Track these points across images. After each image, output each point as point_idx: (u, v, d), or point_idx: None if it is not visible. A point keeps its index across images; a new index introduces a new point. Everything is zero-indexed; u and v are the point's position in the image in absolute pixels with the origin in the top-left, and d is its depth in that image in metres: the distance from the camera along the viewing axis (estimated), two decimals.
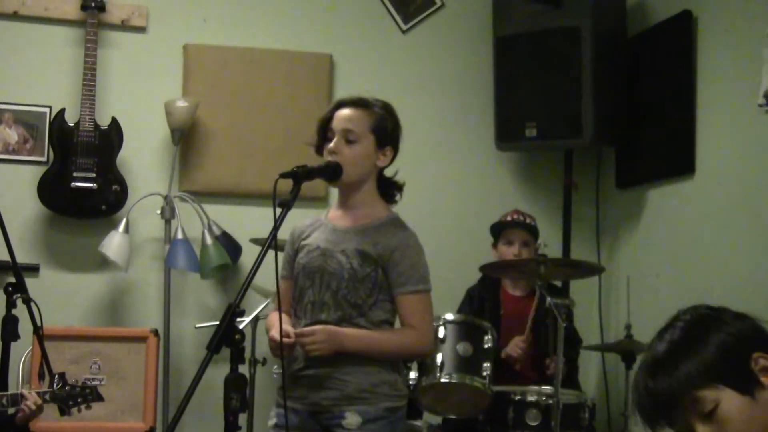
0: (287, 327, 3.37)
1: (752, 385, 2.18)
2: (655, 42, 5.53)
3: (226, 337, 2.82)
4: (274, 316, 3.51)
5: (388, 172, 3.62)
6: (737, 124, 4.81)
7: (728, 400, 2.18)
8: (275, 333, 3.32)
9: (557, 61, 5.58)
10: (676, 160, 5.27)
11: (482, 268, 5.01)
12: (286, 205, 3.11)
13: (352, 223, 3.51)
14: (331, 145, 3.45)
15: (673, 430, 2.23)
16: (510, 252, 5.25)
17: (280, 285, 3.71)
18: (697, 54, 5.14)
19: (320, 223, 3.59)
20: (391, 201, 3.61)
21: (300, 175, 3.21)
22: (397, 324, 3.59)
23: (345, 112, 3.48)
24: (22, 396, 3.96)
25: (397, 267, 3.42)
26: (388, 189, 3.60)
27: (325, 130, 3.51)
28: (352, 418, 3.36)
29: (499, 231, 5.37)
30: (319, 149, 3.54)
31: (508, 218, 5.32)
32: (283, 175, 3.17)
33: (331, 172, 3.42)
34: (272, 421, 3.50)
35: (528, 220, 5.30)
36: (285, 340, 3.33)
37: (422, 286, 3.45)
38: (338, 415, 3.37)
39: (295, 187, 3.18)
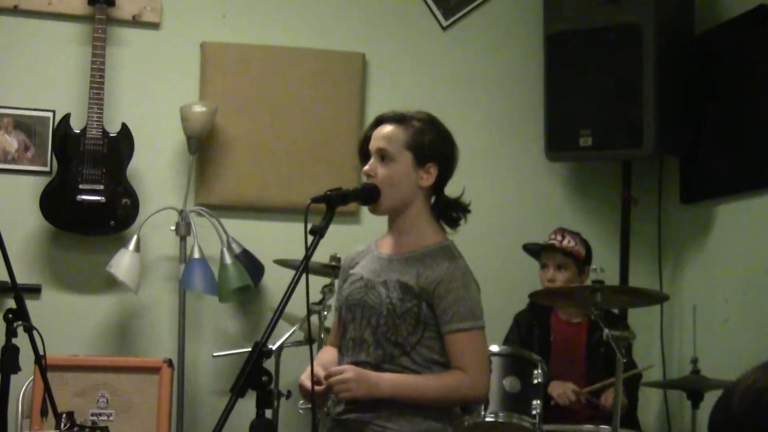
0: (319, 371, 3.37)
1: None
2: (726, 40, 5.53)
3: (253, 379, 2.80)
4: (322, 355, 3.58)
5: (453, 193, 3.57)
6: None
7: None
8: (305, 378, 3.33)
9: (615, 61, 5.58)
10: (749, 172, 5.27)
11: (531, 296, 5.01)
12: (318, 233, 3.11)
13: (397, 250, 3.49)
14: (366, 167, 3.43)
15: None
16: (544, 277, 5.30)
17: (333, 317, 3.71)
18: None
19: (369, 250, 3.59)
20: (454, 225, 3.56)
21: (334, 200, 3.20)
22: None
23: (383, 129, 3.45)
24: None
25: (442, 302, 3.37)
26: (448, 211, 3.55)
27: (364, 150, 3.50)
28: None
29: (535, 254, 5.42)
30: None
31: (547, 240, 5.35)
32: (315, 200, 3.18)
33: (368, 196, 3.40)
34: None
35: (566, 241, 5.29)
36: (317, 388, 3.35)
37: (471, 323, 3.39)
38: None
39: (328, 212, 3.17)
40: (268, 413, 2.94)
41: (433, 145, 3.47)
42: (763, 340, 5.13)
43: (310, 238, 3.12)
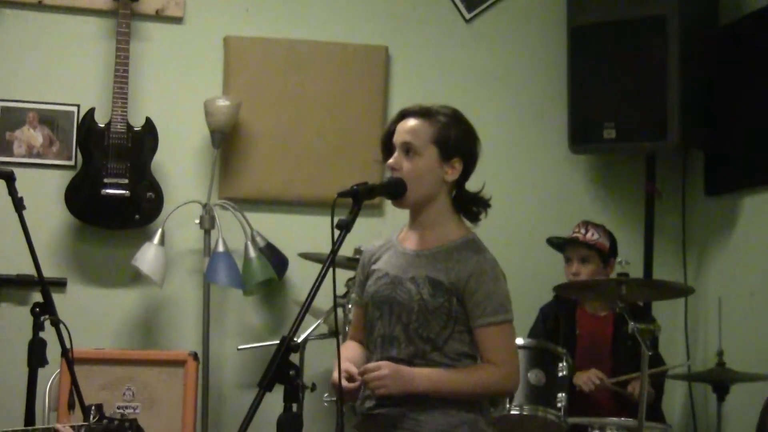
0: (351, 368, 3.38)
1: None
2: (752, 32, 5.52)
3: (280, 373, 2.82)
4: (345, 349, 3.55)
5: (473, 188, 3.57)
6: None
7: None
8: (338, 376, 3.32)
9: (640, 53, 5.58)
10: None
11: (556, 289, 5.02)
12: (345, 227, 3.11)
13: (423, 246, 3.49)
14: (391, 160, 3.43)
15: None
16: (569, 270, 5.31)
17: (353, 312, 3.71)
18: None
19: (390, 245, 3.58)
20: (474, 219, 3.56)
21: (360, 194, 3.21)
22: None
23: (407, 123, 3.45)
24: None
25: (473, 296, 3.38)
26: (469, 206, 3.54)
27: (388, 144, 3.49)
28: None
29: (559, 247, 5.43)
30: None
31: (572, 233, 5.35)
32: (342, 194, 3.18)
33: (394, 190, 3.40)
34: None
35: (590, 234, 5.28)
36: (350, 385, 3.36)
37: (502, 317, 3.40)
38: None
39: (354, 206, 3.18)
40: (295, 407, 2.95)
41: (458, 140, 3.47)
42: None
43: (337, 232, 3.13)
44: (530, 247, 5.79)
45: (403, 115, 3.49)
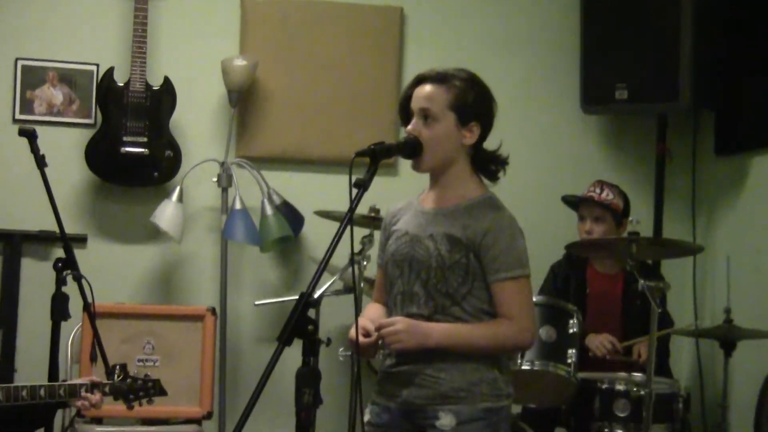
0: (368, 324, 3.39)
1: None
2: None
3: (299, 329, 2.85)
4: (368, 310, 3.60)
5: (490, 147, 3.55)
6: None
7: None
8: (354, 332, 3.30)
9: (652, 14, 5.58)
10: None
11: (568, 247, 5.05)
12: (363, 186, 3.12)
13: (442, 204, 3.48)
14: (409, 127, 3.43)
15: None
16: (582, 228, 5.31)
17: (377, 274, 3.70)
18: None
19: (411, 206, 3.58)
20: (493, 178, 3.55)
21: (377, 153, 3.21)
22: None
23: (424, 89, 3.43)
24: (82, 389, 4.06)
25: (490, 252, 3.37)
26: (487, 165, 3.53)
27: (406, 109, 3.50)
28: (445, 419, 3.34)
29: (573, 205, 5.44)
30: (406, 126, 3.54)
31: (586, 192, 5.35)
32: (359, 154, 3.19)
33: (410, 150, 3.40)
34: (366, 417, 3.50)
35: (604, 194, 5.29)
36: (365, 340, 3.36)
37: (519, 272, 3.39)
38: (431, 415, 3.36)
39: (372, 165, 3.18)
40: (313, 361, 2.98)
41: (475, 104, 3.45)
42: None
43: (354, 190, 3.14)
44: (542, 205, 5.80)
45: (420, 80, 3.47)
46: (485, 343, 3.40)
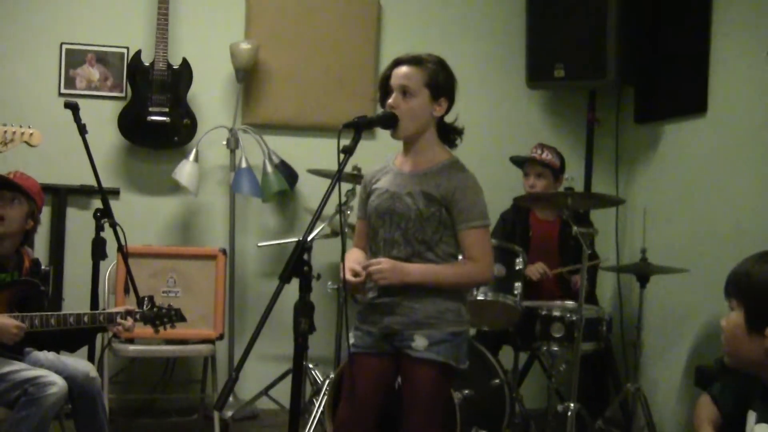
0: (356, 266, 3.40)
1: (756, 327, 2.28)
2: None
3: (296, 270, 2.85)
4: (351, 254, 3.57)
5: (448, 119, 3.58)
6: (747, 71, 4.80)
7: (737, 316, 2.36)
8: (346, 273, 3.37)
9: (585, 7, 5.56)
10: (690, 99, 5.26)
11: (515, 199, 5.04)
12: (348, 152, 3.14)
13: (416, 167, 3.50)
14: (390, 100, 3.43)
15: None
16: (526, 184, 5.31)
17: (357, 224, 3.70)
18: (712, 5, 5.11)
19: (388, 169, 3.58)
20: (452, 145, 3.59)
21: (361, 125, 3.23)
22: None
23: (401, 69, 3.44)
24: (118, 316, 4.07)
25: (458, 205, 3.41)
26: (448, 134, 3.57)
27: (385, 87, 3.50)
28: (419, 341, 3.39)
29: (519, 164, 5.43)
30: (382, 103, 3.54)
31: (530, 153, 5.34)
32: (346, 126, 3.19)
33: (388, 122, 3.42)
34: (351, 340, 3.55)
35: (545, 154, 5.28)
36: (356, 279, 3.38)
37: (480, 222, 3.44)
38: (408, 338, 3.41)
39: (356, 135, 3.19)
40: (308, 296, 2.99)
41: (444, 83, 3.47)
42: (697, 234, 5.21)
43: (342, 155, 3.15)
44: (494, 164, 5.75)
45: (398, 62, 3.47)
46: (454, 280, 3.45)
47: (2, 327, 3.88)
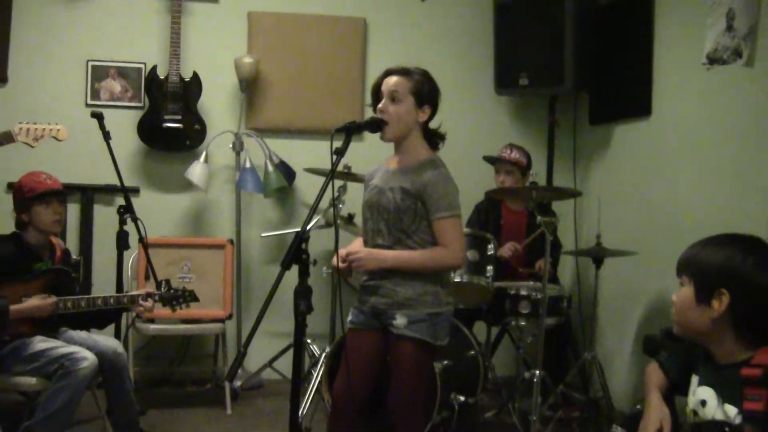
0: (343, 252, 3.43)
1: (704, 299, 2.34)
2: (621, 10, 5.51)
3: (296, 257, 2.85)
4: (355, 243, 3.59)
5: (433, 126, 3.57)
6: (685, 78, 4.82)
7: (687, 291, 2.42)
8: (334, 260, 3.39)
9: (545, 23, 5.58)
10: (637, 103, 5.28)
11: (487, 193, 5.05)
12: (340, 153, 3.13)
13: (399, 165, 3.51)
14: (380, 105, 3.44)
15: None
16: (497, 179, 5.31)
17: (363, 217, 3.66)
18: (654, 20, 5.13)
19: (382, 168, 3.60)
20: (436, 148, 3.58)
21: (351, 129, 3.22)
22: None
23: (392, 78, 3.46)
24: (140, 298, 4.10)
25: (430, 198, 3.40)
26: (432, 138, 3.57)
27: (377, 93, 3.51)
28: (400, 320, 3.40)
29: (491, 162, 5.43)
30: (374, 108, 3.54)
31: (500, 153, 5.34)
32: (338, 130, 3.17)
33: (375, 126, 3.43)
34: (349, 318, 3.58)
35: (513, 154, 5.28)
36: (342, 265, 3.42)
37: (450, 212, 3.42)
38: (390, 317, 3.42)
39: (347, 138, 3.18)
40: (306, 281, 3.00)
41: (429, 92, 3.47)
42: (644, 221, 5.23)
43: (335, 156, 3.13)
44: (469, 162, 5.74)
45: (388, 73, 3.48)
46: (427, 263, 3.42)
47: (38, 306, 3.94)
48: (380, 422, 3.71)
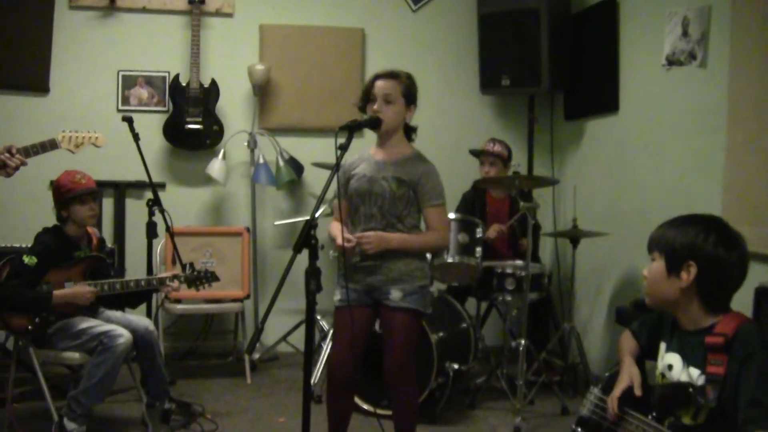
0: (349, 235, 3.44)
1: (674, 271, 2.37)
2: (591, 18, 5.51)
3: (306, 243, 2.86)
4: (334, 227, 3.54)
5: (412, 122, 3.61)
6: (647, 78, 4.83)
7: (658, 264, 2.45)
8: (340, 241, 3.39)
9: (523, 32, 5.55)
10: (606, 100, 5.28)
11: (475, 182, 5.06)
12: (344, 148, 3.14)
13: (389, 157, 3.52)
14: (375, 106, 3.43)
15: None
16: (482, 170, 5.29)
17: (336, 204, 3.64)
18: (620, 28, 5.14)
19: (365, 158, 3.59)
20: (411, 140, 3.61)
21: (353, 127, 3.21)
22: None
23: (383, 81, 3.46)
24: (167, 280, 4.12)
25: (423, 188, 3.45)
26: (408, 132, 3.60)
27: (367, 95, 3.51)
28: (395, 294, 3.44)
29: (476, 155, 5.42)
30: (363, 108, 3.55)
31: (484, 146, 5.33)
32: (342, 128, 3.16)
33: (374, 124, 3.45)
34: (336, 297, 3.54)
35: (496, 147, 5.26)
36: (348, 244, 3.41)
37: (440, 201, 3.48)
38: (386, 292, 3.45)
39: (349, 135, 3.18)
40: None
41: (414, 93, 3.51)
42: (614, 206, 5.22)
43: (339, 152, 3.14)
44: (456, 155, 5.74)
45: (378, 77, 3.49)
46: (422, 245, 3.50)
47: (80, 293, 3.95)
48: (374, 389, 3.74)
